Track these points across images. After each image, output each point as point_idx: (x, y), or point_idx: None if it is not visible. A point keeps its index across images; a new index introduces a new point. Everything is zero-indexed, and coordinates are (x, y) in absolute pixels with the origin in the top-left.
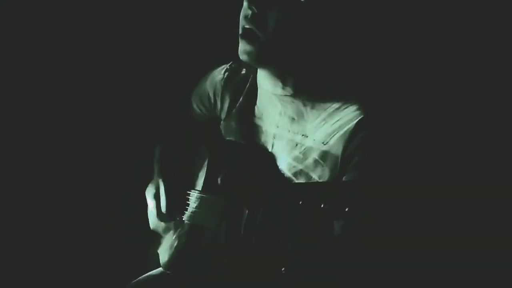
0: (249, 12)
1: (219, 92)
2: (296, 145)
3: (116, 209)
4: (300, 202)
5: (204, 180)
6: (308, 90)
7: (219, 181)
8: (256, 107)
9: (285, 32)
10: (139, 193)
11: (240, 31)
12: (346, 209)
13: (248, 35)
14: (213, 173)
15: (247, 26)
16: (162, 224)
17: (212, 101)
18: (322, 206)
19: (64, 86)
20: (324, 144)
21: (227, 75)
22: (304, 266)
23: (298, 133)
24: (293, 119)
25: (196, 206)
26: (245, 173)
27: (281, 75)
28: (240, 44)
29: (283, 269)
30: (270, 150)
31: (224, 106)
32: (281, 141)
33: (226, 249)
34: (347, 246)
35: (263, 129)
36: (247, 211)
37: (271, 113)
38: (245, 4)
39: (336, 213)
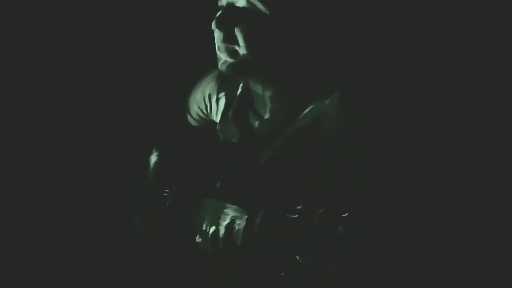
0: (219, 32)
1: (214, 96)
2: (293, 145)
3: (114, 209)
4: (299, 207)
5: (202, 183)
6: (297, 91)
7: (217, 185)
8: (251, 109)
9: (258, 44)
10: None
11: (216, 46)
12: (345, 214)
13: (223, 50)
14: (210, 177)
15: (220, 44)
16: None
17: (208, 104)
18: (321, 210)
19: (63, 87)
20: (322, 144)
21: (221, 78)
22: (304, 270)
23: (293, 133)
24: (287, 119)
25: (194, 210)
26: (243, 176)
27: (266, 80)
28: (218, 58)
29: (282, 273)
30: (267, 152)
31: (219, 109)
32: (278, 143)
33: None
34: (347, 250)
35: (259, 131)
36: (246, 216)
37: (265, 114)
38: (213, 25)
39: (336, 217)
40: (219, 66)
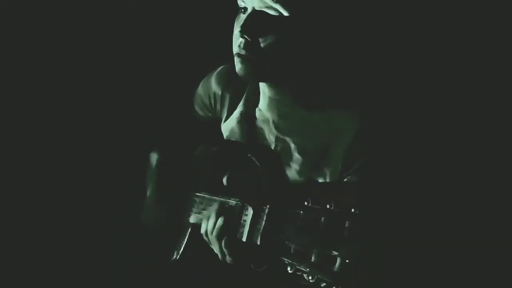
0: (241, 40)
1: (219, 93)
2: (297, 148)
3: (114, 210)
4: (306, 203)
5: (208, 181)
6: (306, 96)
7: (224, 182)
8: (257, 109)
9: (277, 51)
10: (138, 194)
11: (234, 53)
12: (353, 210)
13: (242, 56)
14: (217, 174)
15: (241, 52)
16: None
17: (213, 101)
18: (328, 207)
19: (64, 87)
20: (326, 148)
21: (227, 76)
22: (310, 267)
23: (298, 137)
24: (293, 122)
25: (201, 208)
26: (250, 174)
27: (278, 85)
28: (235, 63)
29: (288, 269)
30: (272, 150)
31: (225, 107)
32: (283, 144)
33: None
34: (354, 246)
35: (265, 131)
36: (252, 212)
37: (271, 115)
38: (236, 32)
39: (343, 214)
40: (236, 70)
